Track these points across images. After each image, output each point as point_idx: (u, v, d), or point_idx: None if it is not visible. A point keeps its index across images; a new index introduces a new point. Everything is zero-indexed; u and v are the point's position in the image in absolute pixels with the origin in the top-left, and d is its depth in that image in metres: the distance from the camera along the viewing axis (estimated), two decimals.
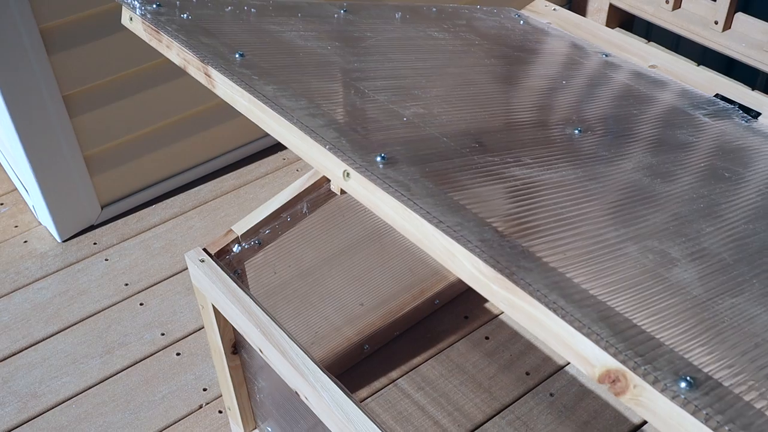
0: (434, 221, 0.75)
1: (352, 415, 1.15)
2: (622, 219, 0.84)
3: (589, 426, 1.69)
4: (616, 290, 0.71)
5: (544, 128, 1.03)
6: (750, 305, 0.74)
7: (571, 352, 0.67)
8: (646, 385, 0.63)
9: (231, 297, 1.33)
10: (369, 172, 0.82)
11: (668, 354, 0.65)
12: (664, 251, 0.80)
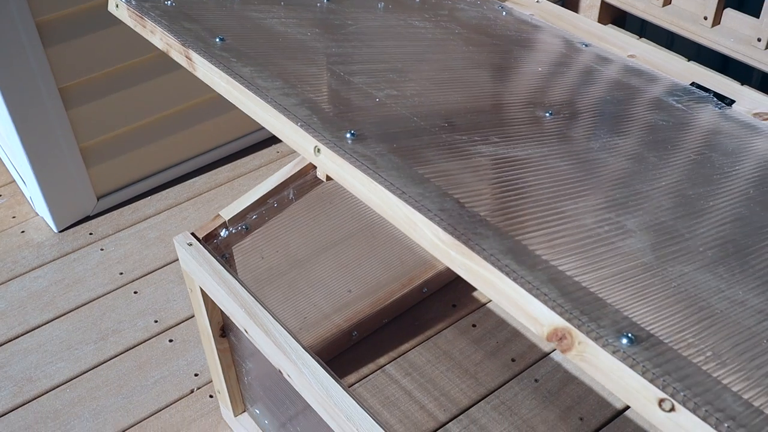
0: (397, 192, 0.79)
1: (331, 391, 1.19)
2: (581, 192, 0.87)
3: (572, 411, 1.72)
4: (567, 255, 0.75)
5: (515, 110, 1.07)
6: (699, 273, 0.78)
7: (522, 312, 0.71)
8: (590, 342, 0.66)
9: (217, 279, 1.37)
10: (338, 147, 0.86)
11: (612, 313, 0.69)
12: (620, 222, 0.84)
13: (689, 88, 1.42)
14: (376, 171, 0.81)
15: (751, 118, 1.36)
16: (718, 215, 0.91)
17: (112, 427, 1.73)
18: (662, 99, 1.30)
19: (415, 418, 1.72)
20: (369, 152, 0.85)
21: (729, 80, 1.48)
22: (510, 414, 1.72)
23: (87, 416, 1.75)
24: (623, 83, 1.32)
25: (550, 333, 0.69)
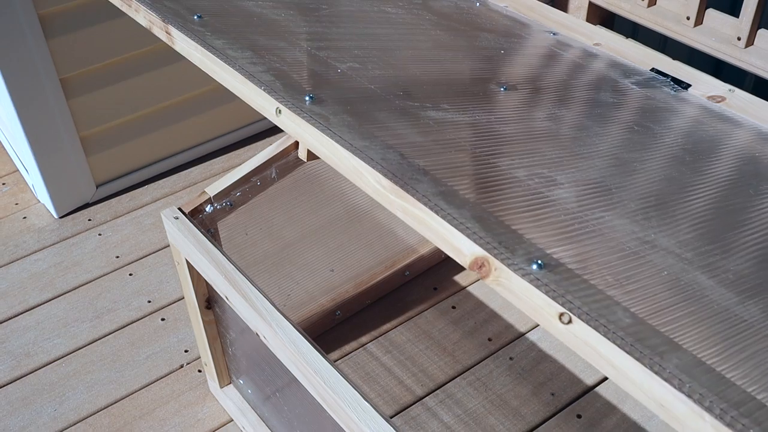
0: (345, 145, 0.88)
1: (302, 349, 1.28)
2: (519, 151, 0.96)
3: (544, 387, 1.81)
4: (493, 200, 0.84)
5: (471, 85, 1.16)
6: (617, 219, 0.87)
7: (448, 245, 0.80)
8: (504, 268, 0.75)
9: (201, 250, 1.46)
10: (297, 108, 0.95)
11: (526, 245, 0.78)
12: (551, 177, 0.93)
13: (648, 72, 1.51)
14: (329, 127, 0.91)
15: (704, 100, 1.45)
16: (647, 175, 1.00)
17: (105, 399, 1.82)
18: (618, 80, 1.39)
19: (393, 393, 1.80)
20: (324, 112, 0.94)
21: (689, 67, 1.56)
22: (485, 389, 1.80)
23: (81, 388, 1.84)
24: (583, 66, 1.41)
25: (471, 262, 0.78)
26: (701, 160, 1.12)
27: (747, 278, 0.81)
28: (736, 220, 0.92)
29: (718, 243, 0.87)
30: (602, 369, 0.69)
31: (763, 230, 0.91)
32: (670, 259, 0.82)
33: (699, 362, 0.67)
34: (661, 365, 0.66)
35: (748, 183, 1.04)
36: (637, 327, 0.70)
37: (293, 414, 1.50)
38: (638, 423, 1.74)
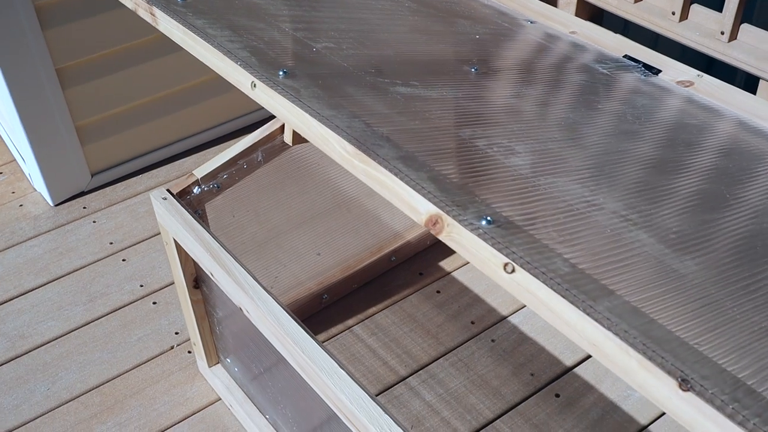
0: (313, 113, 0.94)
1: (282, 321, 1.34)
2: (480, 123, 1.02)
3: (524, 367, 1.86)
4: (451, 164, 0.90)
5: (442, 65, 1.22)
6: (568, 184, 0.93)
7: (406, 205, 0.86)
8: (455, 224, 0.81)
9: (188, 228, 1.52)
10: (271, 82, 1.01)
11: (478, 203, 0.84)
12: (509, 146, 0.99)
13: (620, 58, 1.57)
14: (299, 98, 0.97)
15: (673, 84, 1.51)
16: (604, 147, 1.06)
17: (96, 378, 1.88)
18: (589, 65, 1.45)
19: (377, 373, 1.86)
20: (296, 85, 1.00)
21: (661, 55, 1.62)
22: (466, 370, 1.86)
23: (74, 368, 1.90)
24: (555, 51, 1.47)
25: (427, 219, 0.84)
26: (657, 134, 1.18)
27: (687, 236, 0.87)
28: (680, 185, 0.98)
29: (663, 206, 0.93)
30: (541, 314, 0.74)
31: (705, 195, 0.97)
32: (615, 219, 0.88)
33: (630, 306, 0.73)
34: (593, 307, 0.71)
35: (703, 158, 1.10)
36: (574, 275, 0.76)
37: (278, 390, 1.56)
38: (615, 402, 1.79)
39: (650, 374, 0.66)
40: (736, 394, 0.65)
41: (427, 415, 1.78)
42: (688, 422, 0.65)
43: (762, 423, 0.63)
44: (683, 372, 0.66)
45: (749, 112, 1.35)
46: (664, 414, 1.77)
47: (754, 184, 1.03)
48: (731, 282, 0.79)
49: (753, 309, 0.75)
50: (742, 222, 0.92)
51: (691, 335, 0.70)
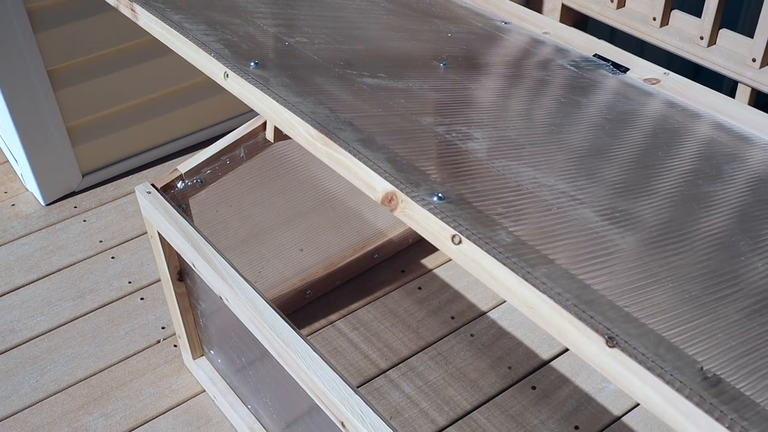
0: (280, 100, 1.00)
1: (260, 307, 1.39)
2: (442, 112, 1.08)
3: (502, 361, 1.92)
4: (408, 146, 0.95)
5: (412, 60, 1.28)
6: (521, 166, 0.98)
7: (364, 183, 0.91)
8: (409, 200, 0.87)
9: (171, 221, 1.58)
10: (242, 72, 1.07)
11: (430, 182, 0.89)
12: (468, 133, 1.04)
13: (590, 57, 1.63)
14: (267, 86, 1.03)
15: (640, 81, 1.57)
16: (562, 135, 1.11)
17: (84, 371, 1.93)
18: (557, 62, 1.50)
19: (358, 366, 1.91)
20: (266, 75, 1.06)
21: (630, 54, 1.68)
22: (445, 363, 1.91)
23: (62, 361, 1.95)
24: (526, 49, 1.53)
25: (383, 197, 0.89)
26: (613, 124, 1.23)
27: (629, 214, 0.93)
28: (626, 167, 1.04)
29: (607, 185, 0.99)
30: (485, 281, 0.80)
31: (651, 174, 1.03)
32: (563, 199, 0.93)
33: (565, 272, 0.78)
34: (531, 273, 0.77)
35: (651, 143, 1.15)
36: (516, 246, 0.81)
37: (258, 380, 1.61)
38: (589, 394, 1.84)
39: (580, 333, 0.72)
40: (659, 350, 0.70)
41: (405, 406, 1.83)
42: (614, 376, 0.70)
43: (679, 374, 0.69)
44: (610, 330, 0.71)
45: (707, 106, 1.41)
46: (637, 405, 1.82)
47: (687, 161, 1.09)
48: (662, 251, 0.85)
49: (682, 275, 0.80)
50: (674, 195, 0.97)
51: (621, 298, 0.76)
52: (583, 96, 1.34)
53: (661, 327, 0.73)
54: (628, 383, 0.69)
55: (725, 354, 0.71)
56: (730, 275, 0.85)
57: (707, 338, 0.73)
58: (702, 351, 0.72)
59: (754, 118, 1.39)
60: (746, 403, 0.67)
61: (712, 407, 0.65)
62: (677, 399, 0.66)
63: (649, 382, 0.68)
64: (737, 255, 0.90)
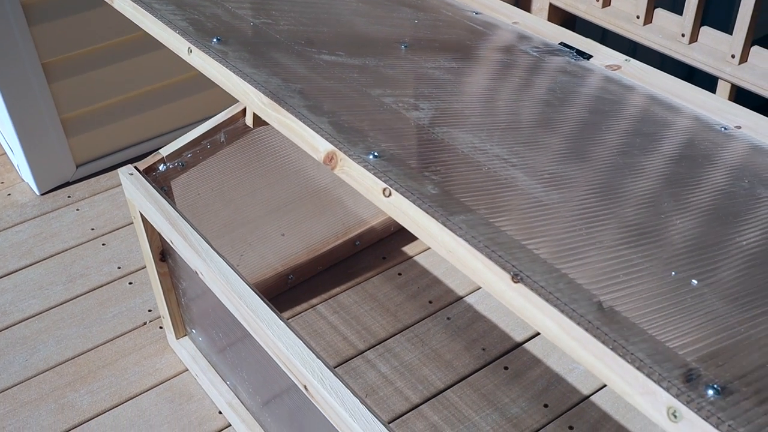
0: (236, 71, 1.07)
1: (231, 279, 1.46)
2: (394, 86, 1.15)
3: (476, 343, 1.98)
4: (352, 112, 1.03)
5: (374, 41, 1.35)
6: (460, 132, 1.06)
7: (308, 145, 0.99)
8: (347, 158, 0.94)
9: (152, 201, 1.65)
10: (205, 47, 1.15)
11: (368, 141, 0.96)
12: (415, 104, 1.11)
13: (555, 45, 1.70)
14: (226, 59, 1.10)
15: (601, 67, 1.64)
16: (509, 109, 1.18)
17: (72, 351, 2.01)
18: (520, 48, 1.58)
19: (337, 347, 1.98)
20: (226, 50, 1.14)
21: (595, 43, 1.74)
22: (421, 345, 1.98)
23: (51, 342, 2.03)
24: (492, 36, 1.60)
25: (324, 156, 0.96)
26: (563, 103, 1.30)
27: (558, 177, 0.99)
28: (570, 139, 1.10)
29: (547, 155, 1.06)
30: (412, 229, 0.87)
31: (588, 144, 1.10)
32: (496, 161, 1.00)
33: (483, 220, 0.85)
34: (450, 220, 0.84)
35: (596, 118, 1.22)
36: (441, 197, 0.88)
37: (235, 354, 1.68)
38: (560, 374, 1.90)
39: (489, 271, 0.79)
40: (558, 285, 0.77)
41: (381, 385, 1.90)
42: (518, 309, 0.77)
43: (578, 307, 0.75)
44: (516, 268, 0.78)
45: (665, 90, 1.48)
46: (605, 386, 1.88)
47: (628, 135, 1.15)
48: (584, 205, 0.92)
49: (596, 226, 0.87)
50: (607, 162, 1.04)
51: (531, 242, 0.83)
52: (538, 77, 1.41)
53: (565, 267, 0.80)
54: (531, 315, 0.76)
55: (622, 290, 0.78)
56: (648, 229, 0.92)
57: (608, 278, 0.80)
58: (601, 288, 0.78)
59: (705, 99, 1.46)
60: (634, 331, 0.73)
61: (600, 333, 0.72)
62: (571, 326, 0.73)
63: (548, 312, 0.75)
64: (659, 213, 0.97)
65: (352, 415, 1.23)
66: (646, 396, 0.68)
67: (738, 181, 1.17)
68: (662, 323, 0.74)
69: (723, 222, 0.99)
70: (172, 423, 1.85)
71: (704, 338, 0.74)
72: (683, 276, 0.84)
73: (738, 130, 1.45)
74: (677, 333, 0.74)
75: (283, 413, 1.56)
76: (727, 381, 0.69)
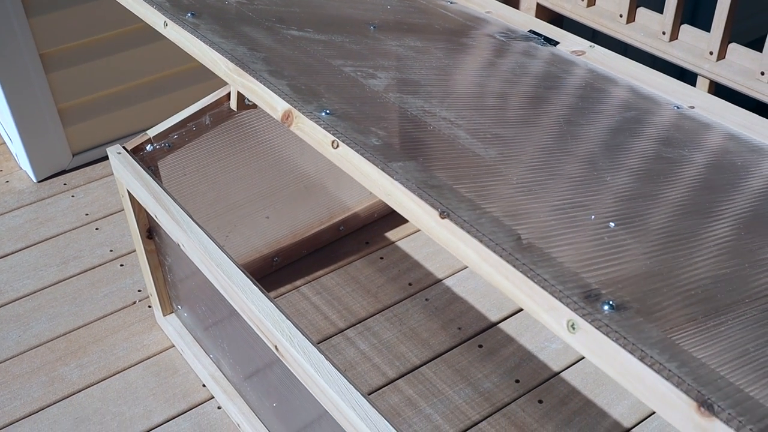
0: (205, 40, 1.17)
1: (209, 248, 1.55)
2: (355, 57, 1.24)
3: (453, 322, 2.07)
4: (310, 76, 1.12)
5: (345, 22, 1.44)
6: (413, 98, 1.15)
7: (267, 105, 1.08)
8: (301, 115, 1.03)
9: (138, 178, 1.75)
10: (180, 21, 1.24)
11: (323, 101, 1.06)
12: (374, 73, 1.21)
13: (523, 32, 1.79)
14: (196, 30, 1.20)
15: (567, 53, 1.73)
16: (464, 82, 1.27)
17: (64, 328, 2.10)
18: (488, 33, 1.67)
19: (318, 326, 2.07)
20: (199, 23, 1.23)
21: (563, 31, 1.83)
22: (400, 324, 2.06)
23: (44, 319, 2.13)
24: (460, 23, 1.70)
25: (282, 115, 1.06)
26: (517, 79, 1.39)
27: (499, 136, 1.08)
28: (519, 106, 1.19)
29: (492, 118, 1.14)
30: (356, 177, 0.96)
31: (536, 111, 1.18)
32: (442, 122, 1.09)
33: (420, 166, 0.94)
34: (389, 166, 0.93)
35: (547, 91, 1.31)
36: (383, 148, 0.97)
37: (216, 326, 1.77)
38: (532, 352, 1.99)
39: (420, 209, 0.88)
40: (480, 220, 0.86)
41: (359, 361, 1.98)
42: (444, 242, 0.86)
43: (497, 238, 0.84)
44: (443, 205, 0.87)
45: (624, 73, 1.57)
46: (576, 363, 1.96)
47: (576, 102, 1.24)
48: (518, 159, 1.00)
49: (524, 173, 0.96)
50: (550, 125, 1.13)
51: (463, 186, 0.92)
52: (500, 57, 1.50)
53: (491, 206, 0.88)
54: (455, 246, 0.85)
55: (540, 228, 0.87)
56: (577, 182, 1.00)
57: (529, 216, 0.88)
58: (522, 225, 0.87)
59: (662, 82, 1.55)
60: (544, 258, 0.82)
61: (513, 259, 0.80)
62: (488, 254, 0.82)
63: (470, 244, 0.84)
64: (591, 170, 1.06)
65: (317, 370, 1.32)
66: (550, 312, 0.77)
67: (677, 149, 1.26)
68: (572, 254, 0.83)
69: (652, 181, 1.07)
70: (157, 395, 1.93)
71: (609, 267, 0.82)
72: (603, 220, 0.92)
73: (691, 109, 1.53)
74: (585, 263, 0.83)
75: (261, 384, 1.64)
76: (623, 301, 0.78)
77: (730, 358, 0.75)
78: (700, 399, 0.67)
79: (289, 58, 1.17)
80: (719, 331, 0.76)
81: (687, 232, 0.91)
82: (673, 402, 0.68)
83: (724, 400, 0.67)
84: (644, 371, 0.70)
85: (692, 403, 0.67)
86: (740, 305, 0.81)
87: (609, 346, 0.73)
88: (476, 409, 1.86)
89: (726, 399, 0.68)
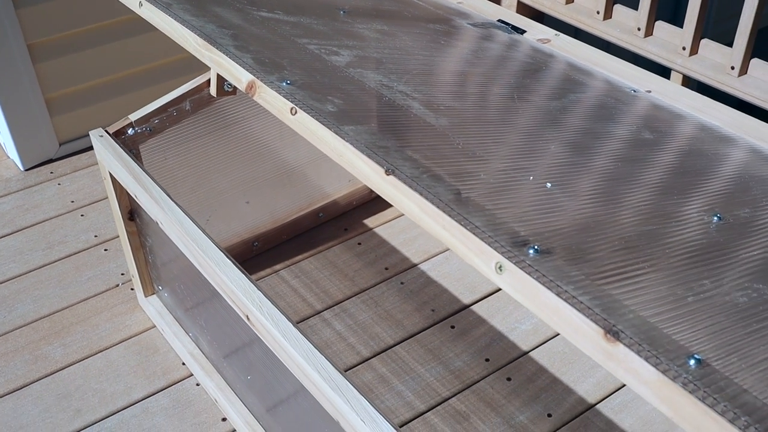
0: (177, 18, 1.25)
1: (185, 224, 1.63)
2: (322, 38, 1.32)
3: (426, 305, 2.14)
4: (273, 50, 1.20)
5: (314, 5, 1.52)
6: (375, 75, 1.22)
7: (233, 77, 1.16)
8: (263, 85, 1.11)
9: (120, 161, 1.82)
10: (153, 1, 1.32)
11: (285, 72, 1.13)
12: (337, 51, 1.28)
13: (492, 21, 1.87)
14: (169, 8, 1.28)
15: (532, 40, 1.81)
16: (425, 61, 1.35)
17: (47, 309, 2.18)
18: (457, 21, 1.75)
19: (296, 307, 2.15)
20: (172, 2, 1.31)
21: (531, 20, 1.91)
22: (375, 306, 2.14)
23: (29, 301, 2.20)
24: (431, 11, 1.78)
25: (246, 85, 1.13)
26: (480, 62, 1.47)
27: (451, 108, 1.16)
28: (475, 83, 1.27)
29: (447, 92, 1.22)
30: (312, 140, 1.04)
31: (491, 89, 1.26)
32: (398, 95, 1.17)
33: (370, 129, 1.02)
34: (341, 128, 1.01)
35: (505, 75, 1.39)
36: (337, 114, 1.05)
37: (194, 304, 1.84)
38: (502, 333, 2.06)
39: (368, 167, 0.95)
40: (422, 176, 0.94)
41: (335, 341, 2.06)
42: (389, 197, 0.94)
43: (436, 192, 0.92)
44: (389, 163, 0.95)
45: (584, 59, 1.65)
46: (544, 343, 2.04)
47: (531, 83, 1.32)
48: (466, 129, 1.08)
49: (470, 141, 1.04)
50: (498, 100, 1.21)
51: (409, 147, 0.99)
52: (464, 42, 1.58)
53: (435, 166, 0.96)
54: (399, 200, 0.92)
55: (480, 187, 0.94)
56: (520, 150, 1.08)
57: (471, 176, 0.96)
58: (463, 183, 0.95)
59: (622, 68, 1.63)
60: (479, 209, 0.90)
61: (449, 209, 0.88)
62: (427, 206, 0.89)
63: (411, 197, 0.91)
64: (536, 140, 1.14)
65: (285, 336, 1.39)
66: (480, 255, 0.85)
67: (626, 126, 1.34)
68: (505, 206, 0.91)
69: (594, 150, 1.15)
70: (138, 372, 2.01)
71: (541, 221, 0.90)
72: (540, 181, 1.00)
73: (647, 93, 1.62)
74: (519, 216, 0.91)
75: (238, 359, 1.72)
76: (549, 247, 0.86)
77: (644, 300, 0.83)
78: (608, 327, 0.75)
79: (256, 36, 1.24)
80: (636, 275, 0.84)
81: (617, 194, 0.99)
82: (584, 330, 0.76)
83: (629, 329, 0.75)
84: (559, 304, 0.78)
85: (600, 330, 0.75)
86: (660, 256, 0.89)
87: (531, 284, 0.80)
88: (446, 386, 1.94)
89: (631, 328, 0.75)
